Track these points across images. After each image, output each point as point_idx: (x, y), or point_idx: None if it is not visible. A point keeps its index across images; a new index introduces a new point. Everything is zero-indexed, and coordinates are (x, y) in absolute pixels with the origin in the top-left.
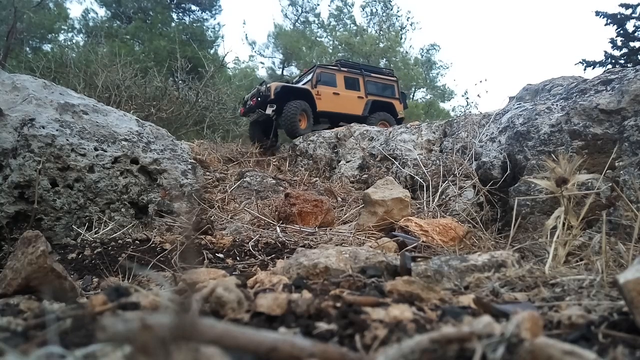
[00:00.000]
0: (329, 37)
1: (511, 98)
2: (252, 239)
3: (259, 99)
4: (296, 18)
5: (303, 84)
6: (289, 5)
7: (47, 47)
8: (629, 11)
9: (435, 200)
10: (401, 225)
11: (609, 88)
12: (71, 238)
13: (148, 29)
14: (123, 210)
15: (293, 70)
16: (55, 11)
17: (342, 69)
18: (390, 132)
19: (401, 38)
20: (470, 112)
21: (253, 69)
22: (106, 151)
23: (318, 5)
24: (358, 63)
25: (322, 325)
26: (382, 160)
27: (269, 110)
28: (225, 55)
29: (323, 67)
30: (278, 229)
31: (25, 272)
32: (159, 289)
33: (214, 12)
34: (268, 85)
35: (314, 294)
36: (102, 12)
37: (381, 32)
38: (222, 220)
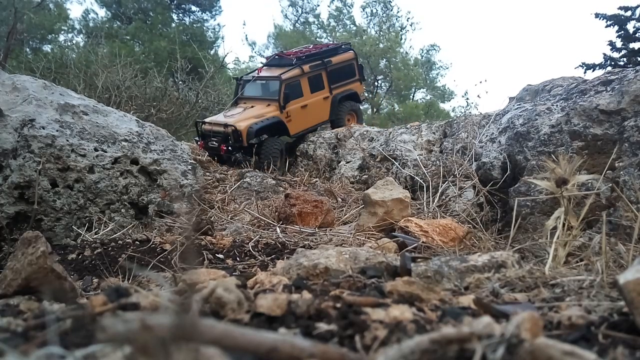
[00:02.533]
0: (328, 37)
1: (511, 98)
2: (252, 239)
3: (230, 147)
4: (296, 19)
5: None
6: (289, 6)
7: (47, 48)
8: (628, 13)
9: (435, 201)
10: (401, 226)
11: (609, 89)
12: (71, 239)
13: (148, 29)
14: (123, 210)
15: None
16: (55, 12)
17: (305, 70)
18: (390, 132)
19: (401, 39)
20: (470, 112)
21: (253, 69)
22: (106, 152)
23: (318, 6)
24: (317, 51)
25: (322, 326)
26: (382, 161)
27: (239, 152)
28: (226, 55)
29: (287, 79)
30: (278, 229)
31: (25, 272)
32: (159, 290)
33: (214, 12)
34: (238, 130)
35: (314, 295)
36: (102, 12)
37: (381, 33)
38: (222, 221)
